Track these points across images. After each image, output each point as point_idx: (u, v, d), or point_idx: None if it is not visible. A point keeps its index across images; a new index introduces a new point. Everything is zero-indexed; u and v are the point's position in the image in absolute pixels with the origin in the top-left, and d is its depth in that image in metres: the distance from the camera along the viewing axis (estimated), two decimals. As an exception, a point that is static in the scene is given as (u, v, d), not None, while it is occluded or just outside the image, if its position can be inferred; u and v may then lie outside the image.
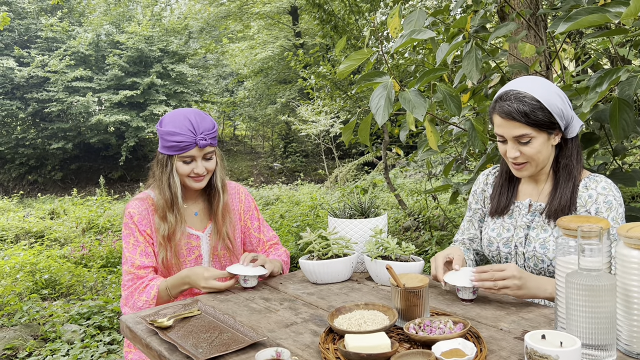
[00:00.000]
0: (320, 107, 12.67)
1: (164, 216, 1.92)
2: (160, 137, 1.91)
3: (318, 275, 1.81)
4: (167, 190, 1.91)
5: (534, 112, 1.57)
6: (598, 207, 1.60)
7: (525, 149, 1.62)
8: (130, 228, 1.92)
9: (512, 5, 2.83)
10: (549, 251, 1.65)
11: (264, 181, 18.02)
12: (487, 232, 1.83)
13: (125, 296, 1.86)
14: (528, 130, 1.59)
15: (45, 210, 10.08)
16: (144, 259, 1.89)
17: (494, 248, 1.79)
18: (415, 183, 10.49)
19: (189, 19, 21.20)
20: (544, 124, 1.59)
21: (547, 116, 1.58)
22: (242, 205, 2.14)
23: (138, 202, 1.96)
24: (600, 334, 1.08)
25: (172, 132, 1.86)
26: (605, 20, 1.56)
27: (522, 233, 1.73)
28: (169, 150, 1.89)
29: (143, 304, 1.82)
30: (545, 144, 1.63)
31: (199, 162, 1.91)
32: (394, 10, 2.31)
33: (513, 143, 1.64)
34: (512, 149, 1.64)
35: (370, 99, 2.03)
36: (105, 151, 19.08)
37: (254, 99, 21.40)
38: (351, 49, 7.59)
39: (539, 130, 1.60)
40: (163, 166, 1.92)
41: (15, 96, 17.59)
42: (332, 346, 1.24)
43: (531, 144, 1.61)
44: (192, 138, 1.85)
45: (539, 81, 1.63)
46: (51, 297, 4.90)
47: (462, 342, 1.17)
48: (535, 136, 1.60)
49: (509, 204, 1.80)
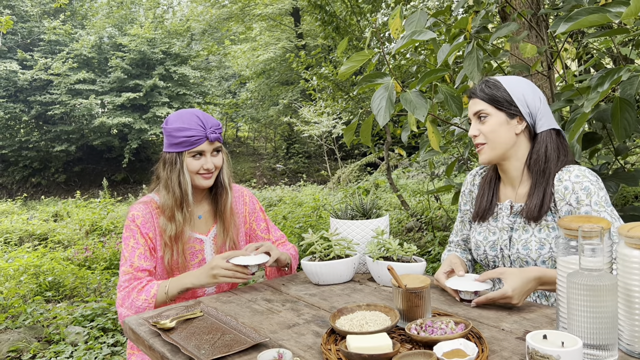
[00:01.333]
0: (322, 108, 12.67)
1: (171, 216, 1.90)
2: (168, 135, 1.90)
3: (320, 276, 1.81)
4: (177, 188, 1.89)
5: (493, 91, 1.69)
6: (578, 196, 1.58)
7: (482, 127, 1.70)
8: (132, 230, 1.90)
9: (514, 5, 2.83)
10: (532, 251, 1.65)
11: (266, 182, 18.04)
12: (474, 236, 1.83)
13: (122, 297, 1.82)
14: (484, 106, 1.70)
15: (48, 212, 10.11)
16: (142, 262, 1.86)
17: (481, 252, 1.79)
18: (417, 183, 10.49)
19: (191, 21, 21.24)
20: (501, 102, 1.67)
21: (506, 97, 1.67)
22: (246, 207, 2.13)
23: (142, 205, 1.95)
24: (601, 333, 1.08)
25: (181, 128, 1.87)
26: (605, 20, 1.56)
27: (505, 235, 1.73)
28: (178, 147, 1.89)
29: (142, 303, 1.78)
30: (504, 126, 1.68)
31: (208, 157, 1.91)
32: (395, 11, 2.32)
33: (475, 122, 1.74)
34: (473, 128, 1.74)
35: (371, 100, 2.04)
36: (108, 153, 19.13)
37: (256, 101, 21.43)
38: (353, 50, 7.61)
39: (496, 107, 1.68)
40: (172, 164, 1.91)
41: (18, 99, 17.66)
42: (334, 347, 1.25)
43: (487, 121, 1.69)
44: (203, 132, 1.88)
45: (515, 77, 1.74)
46: (55, 299, 4.92)
47: (464, 343, 1.17)
48: (492, 113, 1.69)
49: (491, 207, 1.79)
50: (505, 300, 1.48)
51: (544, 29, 2.83)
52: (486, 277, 1.55)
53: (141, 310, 1.78)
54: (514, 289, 1.46)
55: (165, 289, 1.82)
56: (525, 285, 1.48)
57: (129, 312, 1.79)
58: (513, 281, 1.48)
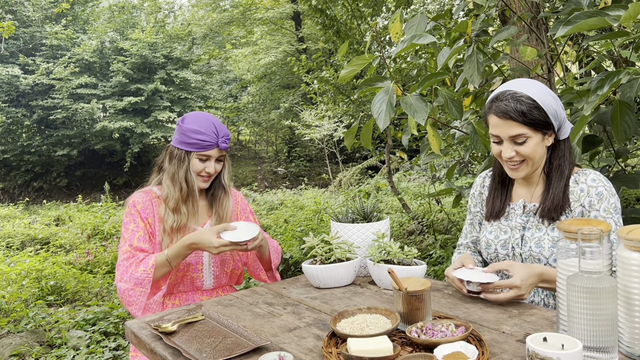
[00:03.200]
0: (323, 111, 12.70)
1: (176, 208, 1.98)
2: (182, 133, 1.99)
3: (321, 279, 1.82)
4: (184, 183, 1.99)
5: (531, 112, 1.59)
6: (591, 200, 1.62)
7: (521, 148, 1.64)
8: (132, 214, 1.97)
9: (513, 9, 2.84)
10: (545, 249, 1.66)
11: (268, 186, 18.05)
12: (485, 234, 1.84)
13: (120, 272, 1.88)
14: (524, 130, 1.61)
15: (50, 216, 10.13)
16: (141, 244, 1.93)
17: (492, 250, 1.80)
18: (419, 186, 10.49)
19: (193, 26, 21.30)
20: (539, 124, 1.61)
21: (542, 116, 1.60)
22: (238, 207, 2.22)
23: (142, 193, 2.03)
24: (601, 336, 1.08)
25: (197, 131, 1.97)
26: (604, 24, 1.57)
27: (518, 234, 1.74)
28: (189, 147, 1.98)
29: (141, 274, 1.84)
30: (540, 144, 1.65)
31: (212, 162, 2.03)
32: (395, 15, 2.32)
33: (509, 143, 1.65)
34: (508, 149, 1.66)
35: (372, 104, 2.04)
36: (110, 157, 19.16)
37: (257, 104, 21.46)
38: (353, 53, 7.62)
39: (535, 130, 1.62)
40: (180, 160, 2.00)
41: (20, 104, 17.71)
42: (334, 350, 1.25)
43: (527, 143, 1.63)
44: (215, 140, 1.98)
45: (533, 83, 1.66)
46: (57, 304, 4.92)
47: (464, 345, 1.17)
48: (531, 136, 1.62)
49: (503, 207, 1.81)
50: (512, 290, 1.50)
51: (544, 32, 2.83)
52: (494, 269, 1.58)
53: (140, 282, 1.84)
54: (522, 280, 1.49)
55: (164, 255, 1.87)
56: (531, 278, 1.51)
57: (128, 284, 1.84)
58: (521, 273, 1.51)
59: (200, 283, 2.04)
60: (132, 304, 1.85)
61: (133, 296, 1.85)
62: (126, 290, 1.85)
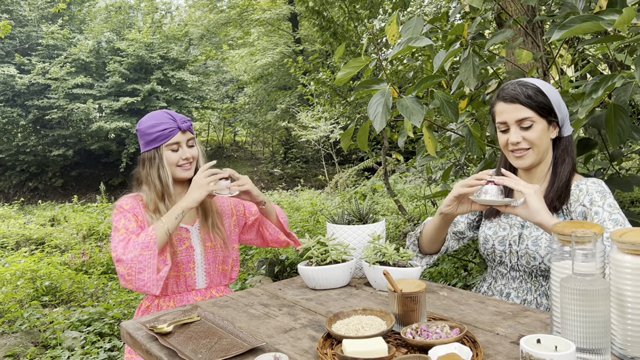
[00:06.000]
0: (320, 113, 12.71)
1: (155, 209, 1.98)
2: (143, 135, 2.02)
3: (317, 280, 1.82)
4: (157, 181, 2.00)
5: (537, 95, 1.64)
6: (592, 198, 1.63)
7: (528, 134, 1.66)
8: (122, 212, 1.95)
9: (509, 12, 2.85)
10: (541, 248, 1.68)
11: (264, 187, 18.04)
12: (484, 230, 1.86)
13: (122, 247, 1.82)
14: (531, 113, 1.65)
15: (45, 217, 10.10)
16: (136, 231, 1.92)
17: (489, 246, 1.82)
18: (415, 188, 10.51)
19: (189, 26, 21.29)
20: (545, 109, 1.65)
21: (547, 103, 1.65)
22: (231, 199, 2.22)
23: (129, 197, 2.04)
24: (594, 338, 1.09)
25: (154, 124, 2.00)
26: (599, 28, 1.58)
27: (516, 232, 1.77)
28: (155, 143, 2.00)
29: (144, 238, 1.81)
30: (545, 133, 1.68)
31: (184, 148, 2.03)
32: (392, 17, 2.33)
33: (516, 128, 1.68)
34: (515, 134, 1.67)
35: (368, 106, 2.05)
36: (105, 158, 19.12)
37: (254, 105, 21.45)
38: (350, 55, 7.63)
39: (540, 115, 1.65)
40: (151, 161, 2.01)
41: (16, 103, 17.66)
42: (330, 351, 1.26)
43: (533, 128, 1.66)
44: (174, 124, 2.01)
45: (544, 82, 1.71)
46: (52, 304, 4.91)
47: (459, 347, 1.18)
48: (537, 121, 1.66)
49: None
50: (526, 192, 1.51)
51: (540, 35, 2.85)
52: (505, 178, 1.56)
53: (146, 245, 1.80)
54: (536, 191, 1.51)
55: (161, 223, 1.87)
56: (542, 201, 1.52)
57: (134, 252, 1.79)
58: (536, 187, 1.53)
59: (192, 282, 2.05)
60: (143, 271, 1.78)
61: (143, 261, 1.78)
62: (134, 258, 1.77)
